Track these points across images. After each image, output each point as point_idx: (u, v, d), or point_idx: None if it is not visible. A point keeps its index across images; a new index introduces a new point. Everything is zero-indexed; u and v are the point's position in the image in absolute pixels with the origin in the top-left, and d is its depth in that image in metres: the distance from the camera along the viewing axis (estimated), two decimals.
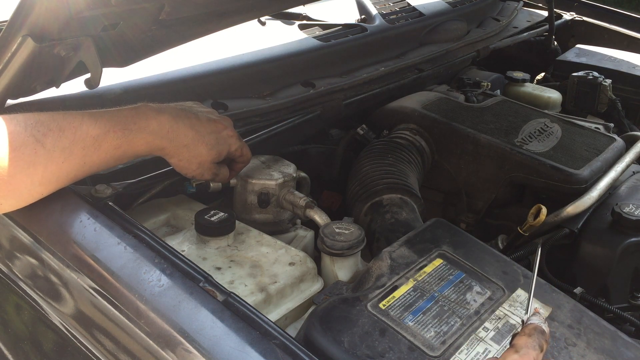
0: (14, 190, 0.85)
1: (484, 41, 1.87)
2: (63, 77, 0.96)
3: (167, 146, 0.98)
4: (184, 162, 1.01)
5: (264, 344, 0.72)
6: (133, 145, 0.93)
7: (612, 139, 1.44)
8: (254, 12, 1.25)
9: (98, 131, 0.89)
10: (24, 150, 0.83)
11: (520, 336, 0.70)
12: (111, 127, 0.90)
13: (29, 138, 0.83)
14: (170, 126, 0.97)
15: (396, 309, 0.85)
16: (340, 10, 1.78)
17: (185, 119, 0.99)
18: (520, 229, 1.20)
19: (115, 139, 0.91)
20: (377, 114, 1.52)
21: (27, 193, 0.87)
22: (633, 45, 2.06)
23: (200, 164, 1.03)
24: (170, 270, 0.81)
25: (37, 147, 0.84)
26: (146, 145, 0.95)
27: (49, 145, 0.85)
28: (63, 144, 0.86)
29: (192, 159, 1.01)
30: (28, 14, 0.82)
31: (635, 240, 1.18)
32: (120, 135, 0.91)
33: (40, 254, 0.91)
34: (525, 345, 0.68)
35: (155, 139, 0.96)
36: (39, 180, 0.86)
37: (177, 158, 1.01)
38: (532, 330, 0.70)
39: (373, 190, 1.24)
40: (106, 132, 0.90)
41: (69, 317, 0.90)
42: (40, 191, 0.88)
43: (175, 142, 0.98)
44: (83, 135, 0.88)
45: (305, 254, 1.02)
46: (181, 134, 0.98)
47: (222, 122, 1.06)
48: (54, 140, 0.85)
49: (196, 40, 1.13)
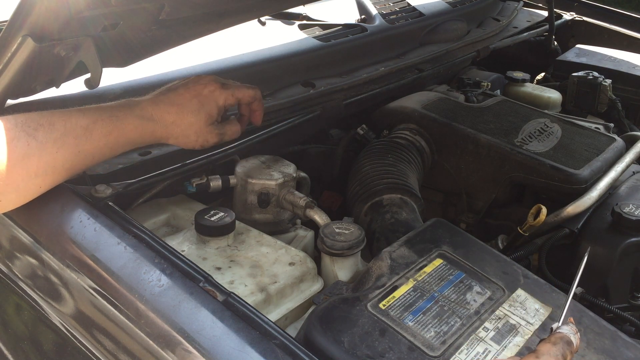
0: (11, 184, 0.85)
1: (484, 41, 1.87)
2: (63, 77, 0.96)
3: (156, 128, 0.99)
4: (181, 138, 1.02)
5: (264, 344, 0.72)
6: (123, 130, 0.95)
7: (612, 139, 1.44)
8: (254, 12, 1.25)
9: (87, 121, 0.91)
10: (17, 144, 0.84)
11: (544, 343, 0.69)
12: (98, 116, 0.93)
13: (20, 133, 0.85)
14: (152, 108, 0.99)
15: (396, 309, 0.85)
16: (340, 10, 1.78)
17: (163, 98, 1.01)
18: (520, 229, 1.20)
19: (105, 126, 0.93)
20: (377, 114, 1.52)
21: (25, 186, 0.87)
22: (633, 45, 2.06)
23: (197, 133, 1.03)
24: (170, 270, 0.81)
25: (30, 140, 0.85)
26: (135, 130, 0.97)
27: (41, 137, 0.87)
28: (54, 135, 0.88)
29: (186, 132, 1.02)
30: (28, 14, 0.82)
31: (635, 240, 1.18)
32: (108, 122, 0.93)
33: (40, 254, 0.91)
34: (547, 353, 0.67)
35: (142, 122, 0.97)
36: (34, 172, 0.87)
37: (172, 137, 1.02)
38: (558, 339, 0.69)
39: (373, 190, 1.24)
40: (94, 121, 0.92)
41: (69, 317, 0.90)
42: (38, 183, 0.89)
43: (162, 122, 0.99)
44: (73, 126, 0.90)
45: (305, 254, 1.02)
46: (164, 113, 1.00)
47: (200, 83, 1.05)
48: (45, 133, 0.87)
49: (196, 40, 1.13)
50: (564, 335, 0.70)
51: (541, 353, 0.67)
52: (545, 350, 0.68)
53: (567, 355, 0.68)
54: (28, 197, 0.90)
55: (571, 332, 0.71)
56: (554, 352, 0.67)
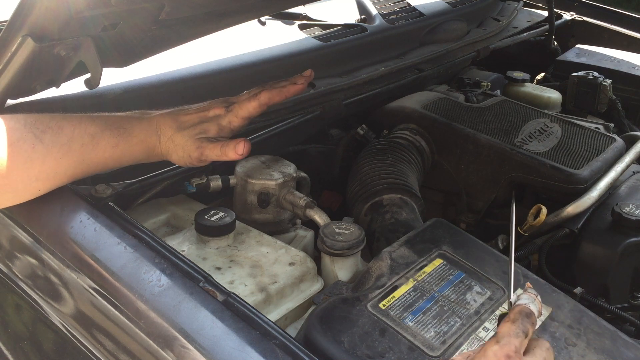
0: (10, 185, 0.85)
1: (484, 41, 1.87)
2: (63, 77, 0.96)
3: (157, 143, 1.00)
4: (174, 155, 1.01)
5: (264, 344, 0.72)
6: (130, 144, 0.95)
7: (612, 139, 1.44)
8: (254, 12, 1.25)
9: (95, 129, 0.91)
10: (22, 146, 0.84)
11: (504, 323, 0.66)
12: (107, 125, 0.93)
13: (27, 134, 0.85)
14: (158, 121, 1.00)
15: (396, 309, 0.85)
16: (340, 10, 1.78)
17: (171, 114, 1.02)
18: (520, 229, 1.20)
19: (112, 137, 0.93)
20: (377, 114, 1.52)
21: (24, 188, 0.87)
22: (633, 45, 2.06)
23: (184, 147, 1.00)
24: (170, 270, 0.81)
25: (36, 143, 0.85)
26: (141, 144, 0.97)
27: (47, 141, 0.86)
28: (61, 140, 0.88)
29: (177, 148, 1.00)
30: (28, 14, 0.82)
31: (635, 240, 1.18)
32: (116, 133, 0.93)
33: (40, 254, 0.91)
34: (507, 334, 0.64)
35: (148, 136, 0.98)
36: (35, 175, 0.87)
37: (168, 154, 1.01)
38: (517, 314, 0.66)
39: (373, 190, 1.24)
40: (103, 130, 0.92)
41: (69, 317, 0.90)
42: (38, 187, 0.89)
43: (163, 137, 1.00)
44: (81, 132, 0.90)
45: (305, 254, 1.02)
46: (167, 127, 1.00)
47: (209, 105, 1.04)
48: (52, 136, 0.87)
49: (196, 40, 1.13)
50: (522, 308, 0.67)
51: (501, 336, 0.64)
52: (505, 332, 0.65)
53: (528, 330, 0.65)
54: (25, 198, 0.90)
55: (530, 299, 0.68)
56: (514, 332, 0.64)
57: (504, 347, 0.63)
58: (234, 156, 0.99)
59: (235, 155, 0.99)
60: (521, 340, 0.65)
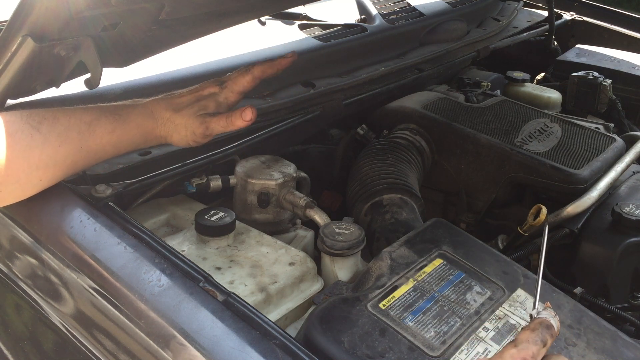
0: (12, 176, 0.86)
1: (484, 41, 1.88)
2: (63, 77, 0.96)
3: (155, 126, 0.99)
4: (175, 135, 1.00)
5: (264, 344, 0.72)
6: (126, 129, 0.96)
7: (612, 139, 1.44)
8: (254, 12, 1.25)
9: (91, 117, 0.92)
10: (20, 136, 0.85)
11: (524, 330, 0.69)
12: (102, 113, 0.94)
13: (24, 125, 0.86)
14: (152, 105, 1.00)
15: (396, 309, 0.85)
16: (340, 10, 1.78)
17: (166, 97, 1.02)
18: (520, 229, 1.20)
19: (108, 123, 0.94)
20: (377, 114, 1.52)
21: (26, 178, 0.88)
22: (633, 45, 2.06)
23: (186, 126, 1.00)
24: (170, 270, 0.81)
25: (33, 133, 0.86)
26: (138, 128, 0.97)
27: (45, 130, 0.88)
28: (58, 129, 0.89)
29: (179, 127, 1.00)
30: (28, 14, 0.82)
31: (635, 240, 1.18)
32: (112, 119, 0.94)
33: (40, 254, 0.91)
34: (526, 340, 0.67)
35: (144, 120, 0.98)
36: (36, 164, 0.87)
37: (168, 135, 1.01)
38: (537, 324, 0.69)
39: (373, 190, 1.24)
40: (98, 117, 0.93)
41: (69, 317, 0.90)
42: (39, 175, 0.89)
43: (160, 119, 0.99)
44: (77, 121, 0.91)
45: (305, 254, 1.02)
46: (163, 110, 1.00)
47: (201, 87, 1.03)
48: (49, 126, 0.88)
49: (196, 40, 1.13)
50: (543, 320, 0.69)
51: (520, 341, 0.67)
52: (524, 338, 0.67)
53: (547, 340, 0.68)
54: (28, 190, 0.90)
55: (550, 315, 0.71)
56: (532, 339, 0.67)
57: (521, 352, 0.66)
58: (242, 123, 0.98)
59: (243, 122, 0.98)
60: (539, 348, 0.67)
